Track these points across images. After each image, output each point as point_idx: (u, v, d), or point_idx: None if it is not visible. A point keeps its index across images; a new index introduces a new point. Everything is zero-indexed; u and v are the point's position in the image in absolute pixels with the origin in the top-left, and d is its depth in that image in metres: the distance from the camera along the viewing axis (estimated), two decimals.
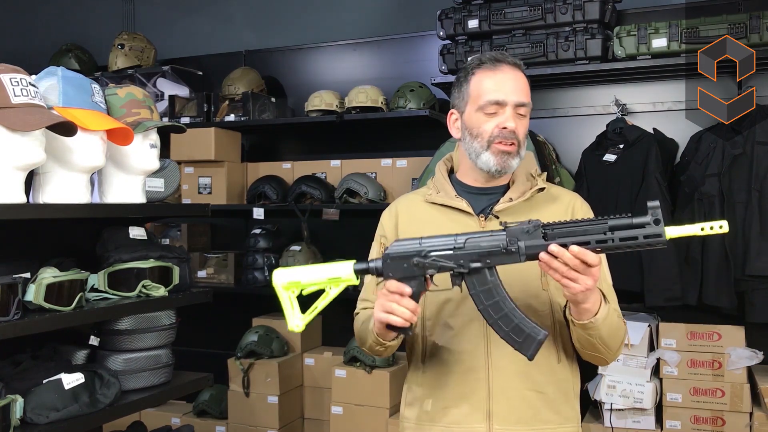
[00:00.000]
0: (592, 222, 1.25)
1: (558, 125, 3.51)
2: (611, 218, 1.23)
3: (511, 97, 1.51)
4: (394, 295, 1.34)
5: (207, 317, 3.84)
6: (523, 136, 1.53)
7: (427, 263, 1.33)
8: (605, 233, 1.23)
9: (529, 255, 1.28)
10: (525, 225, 1.29)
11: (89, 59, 4.57)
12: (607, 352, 1.46)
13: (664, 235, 1.20)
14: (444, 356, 1.54)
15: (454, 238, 1.34)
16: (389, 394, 3.31)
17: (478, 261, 1.32)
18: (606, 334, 1.41)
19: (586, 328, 1.39)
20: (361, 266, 1.38)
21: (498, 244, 1.30)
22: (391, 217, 1.66)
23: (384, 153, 3.81)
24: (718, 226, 1.17)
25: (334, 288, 1.39)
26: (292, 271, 1.41)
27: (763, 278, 2.86)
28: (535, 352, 1.33)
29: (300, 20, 4.34)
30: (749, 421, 2.86)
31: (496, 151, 1.50)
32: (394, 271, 1.35)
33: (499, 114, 1.50)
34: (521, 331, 1.33)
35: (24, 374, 1.79)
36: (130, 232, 2.10)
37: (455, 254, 1.33)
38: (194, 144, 3.85)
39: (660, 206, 1.21)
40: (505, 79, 1.52)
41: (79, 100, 1.81)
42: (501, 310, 1.34)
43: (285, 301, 1.41)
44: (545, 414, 1.50)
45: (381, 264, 1.36)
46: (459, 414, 1.51)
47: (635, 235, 1.21)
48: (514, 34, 3.26)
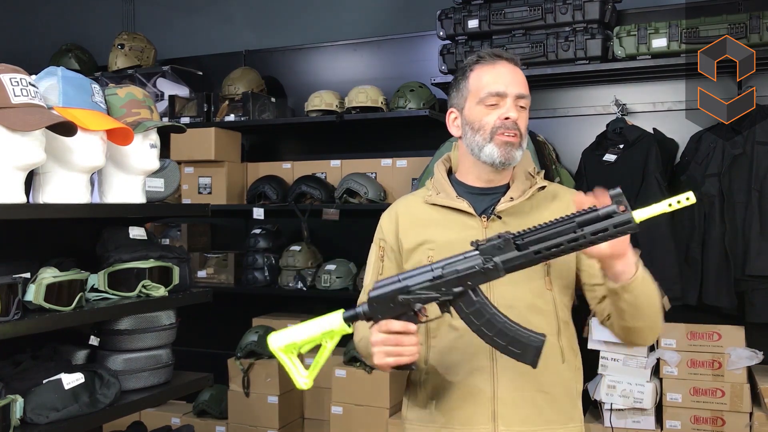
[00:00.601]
0: (559, 223, 1.24)
1: (558, 125, 3.51)
2: (577, 215, 1.23)
3: (512, 88, 1.52)
4: (392, 337, 1.34)
5: (207, 317, 3.84)
6: (524, 128, 1.53)
7: (411, 299, 1.33)
8: (575, 231, 1.22)
9: (508, 268, 1.28)
10: (495, 241, 1.28)
11: (89, 59, 4.57)
12: (656, 315, 1.41)
13: (633, 219, 1.19)
14: (448, 358, 1.53)
15: (430, 267, 1.33)
16: (389, 394, 3.31)
17: (460, 285, 1.31)
18: (651, 291, 1.38)
19: (628, 289, 1.34)
20: (350, 314, 1.38)
21: (474, 266, 1.30)
22: (390, 221, 1.64)
23: (384, 153, 3.81)
24: (685, 198, 1.15)
25: (330, 341, 1.40)
26: (286, 334, 1.42)
27: (763, 278, 2.86)
28: (537, 360, 1.32)
29: (300, 20, 4.34)
30: (749, 421, 2.86)
31: (499, 143, 1.50)
32: (382, 312, 1.35)
33: (500, 105, 1.51)
34: (518, 342, 1.32)
35: (24, 374, 1.79)
36: (130, 232, 2.09)
37: (436, 284, 1.32)
38: (194, 144, 3.85)
39: (623, 192, 1.20)
40: (504, 72, 1.54)
41: (79, 100, 1.81)
42: (494, 327, 1.33)
43: (287, 363, 1.41)
44: (550, 414, 1.50)
45: (368, 308, 1.37)
46: (464, 415, 1.50)
47: (605, 226, 1.21)
48: (514, 34, 3.26)
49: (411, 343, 1.34)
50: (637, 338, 1.47)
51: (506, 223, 1.52)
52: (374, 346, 1.37)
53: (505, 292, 1.48)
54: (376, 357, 1.37)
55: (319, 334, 1.40)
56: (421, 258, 1.55)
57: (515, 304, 1.47)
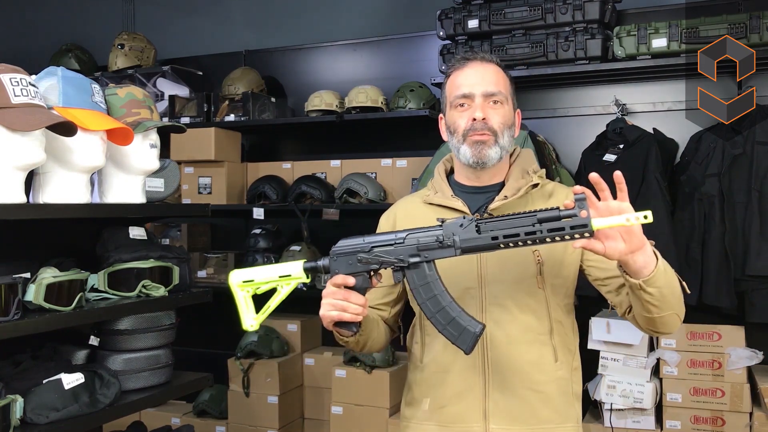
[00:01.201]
0: (522, 215, 1.27)
1: (558, 125, 3.51)
2: (541, 211, 1.26)
3: (478, 88, 1.53)
4: (340, 291, 1.38)
5: (207, 317, 3.84)
6: (499, 125, 1.53)
7: (369, 258, 1.38)
8: (533, 225, 1.25)
9: (464, 248, 1.32)
10: (460, 220, 1.33)
11: (89, 59, 4.57)
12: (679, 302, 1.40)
13: (590, 225, 1.22)
14: (442, 355, 1.54)
15: (395, 234, 1.38)
16: (389, 394, 3.31)
17: (417, 255, 1.36)
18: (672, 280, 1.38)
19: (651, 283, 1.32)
20: (310, 264, 1.43)
21: (434, 238, 1.34)
22: (388, 220, 1.68)
23: (384, 153, 3.81)
24: (643, 216, 1.20)
25: (286, 286, 1.44)
26: (246, 271, 1.46)
27: (763, 278, 2.86)
28: (473, 346, 1.35)
29: (300, 20, 4.34)
30: (749, 421, 2.86)
31: (471, 143, 1.52)
32: (340, 268, 1.40)
33: (469, 107, 1.53)
34: (458, 325, 1.36)
35: (24, 374, 1.79)
36: (130, 232, 2.10)
37: (395, 249, 1.37)
38: (194, 144, 3.85)
39: (585, 198, 1.23)
40: (471, 73, 1.55)
41: (79, 100, 1.81)
42: (439, 305, 1.37)
43: (240, 301, 1.47)
44: (543, 413, 1.50)
45: (328, 261, 1.41)
46: (456, 413, 1.52)
47: (562, 225, 1.24)
48: (514, 34, 3.26)
49: (357, 302, 1.38)
50: (662, 327, 1.43)
51: None
52: (324, 298, 1.41)
53: (497, 291, 1.49)
54: (322, 308, 1.41)
55: (276, 277, 1.44)
56: None
57: (505, 303, 1.48)
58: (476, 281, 1.50)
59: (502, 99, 1.54)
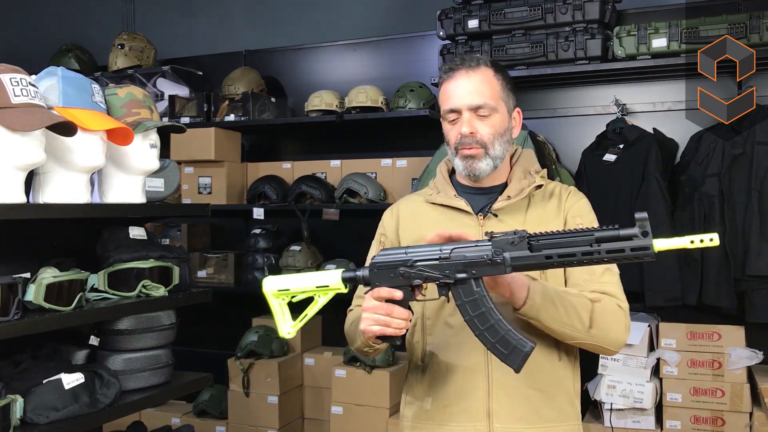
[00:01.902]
0: (578, 234, 1.22)
1: (558, 125, 3.51)
2: (598, 230, 1.21)
3: (462, 102, 1.51)
4: (383, 306, 1.33)
5: (207, 317, 3.84)
6: (489, 136, 1.51)
7: (413, 273, 1.32)
8: (591, 245, 1.20)
9: (515, 266, 1.26)
10: (510, 236, 1.26)
11: (89, 59, 4.57)
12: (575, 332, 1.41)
13: (652, 248, 1.17)
14: (444, 355, 1.54)
15: (439, 248, 1.32)
16: (389, 394, 3.31)
17: (464, 271, 1.30)
18: (552, 316, 1.39)
19: (527, 316, 1.38)
20: (349, 275, 1.38)
21: (483, 255, 1.28)
22: (392, 217, 1.67)
23: (384, 153, 3.81)
24: (709, 239, 1.13)
25: (323, 296, 1.40)
26: (281, 279, 1.42)
27: (763, 278, 2.86)
28: (522, 365, 1.31)
29: (300, 20, 4.34)
30: (749, 421, 2.86)
31: (461, 157, 1.53)
32: (380, 280, 1.34)
33: (458, 121, 1.53)
34: (507, 343, 1.31)
35: (24, 374, 1.79)
36: (130, 232, 2.09)
37: (441, 264, 1.31)
38: (194, 144, 3.85)
39: (648, 218, 1.17)
40: (456, 86, 1.53)
41: (79, 100, 1.81)
42: (487, 321, 1.32)
43: (276, 309, 1.42)
44: (546, 412, 1.50)
45: (368, 273, 1.36)
46: (458, 412, 1.51)
47: (622, 247, 1.18)
48: (514, 34, 3.26)
49: (401, 316, 1.33)
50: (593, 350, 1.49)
51: (502, 221, 1.53)
52: (364, 312, 1.37)
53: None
54: (364, 322, 1.37)
55: (313, 287, 1.39)
56: None
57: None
58: None
59: (489, 110, 1.51)
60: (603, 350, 1.49)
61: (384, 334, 1.35)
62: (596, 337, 1.44)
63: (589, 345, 1.46)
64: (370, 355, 1.57)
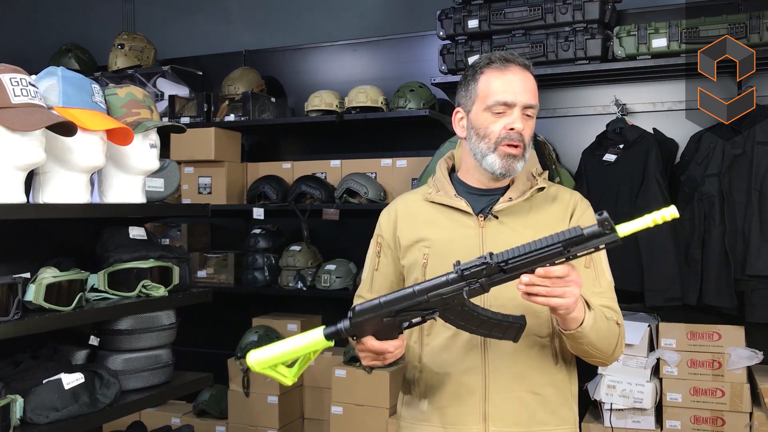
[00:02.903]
0: (545, 246, 1.24)
1: (558, 125, 3.51)
2: (562, 236, 1.24)
3: (520, 98, 1.48)
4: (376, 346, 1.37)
5: (207, 317, 3.84)
6: (528, 139, 1.51)
7: (399, 319, 1.35)
8: (561, 253, 1.24)
9: (493, 284, 1.30)
10: (479, 266, 1.29)
11: (89, 59, 4.57)
12: (602, 356, 1.46)
13: (617, 235, 1.22)
14: (441, 357, 1.54)
15: (413, 290, 1.33)
16: (389, 394, 3.31)
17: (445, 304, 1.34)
18: (596, 340, 1.41)
19: (575, 337, 1.40)
20: (330, 331, 1.38)
21: (459, 289, 1.31)
22: (389, 218, 1.65)
23: (384, 153, 3.81)
24: (669, 214, 1.17)
25: (313, 355, 1.42)
26: (266, 352, 1.39)
27: (763, 278, 2.86)
28: (519, 336, 1.37)
29: (300, 20, 4.34)
30: (749, 421, 2.86)
31: (502, 154, 1.49)
32: (366, 330, 1.36)
33: (507, 115, 1.49)
34: (502, 327, 1.37)
35: (24, 374, 1.79)
36: (130, 232, 2.09)
37: (420, 305, 1.34)
38: (194, 144, 3.85)
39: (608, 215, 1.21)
40: (514, 80, 1.49)
41: (79, 100, 1.81)
42: (479, 321, 1.37)
43: (273, 375, 1.42)
44: (542, 416, 1.50)
45: (350, 326, 1.36)
46: (454, 414, 1.51)
47: (593, 246, 1.23)
48: (514, 34, 3.26)
49: (393, 348, 1.38)
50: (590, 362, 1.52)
51: (503, 222, 1.52)
52: (360, 352, 1.42)
53: (499, 294, 1.48)
54: (363, 360, 1.44)
55: (299, 350, 1.39)
56: (417, 255, 1.56)
57: (508, 306, 1.47)
58: None
59: (535, 112, 1.52)
60: (603, 365, 1.55)
61: (383, 364, 1.42)
62: (610, 359, 1.50)
63: (596, 361, 1.50)
64: None
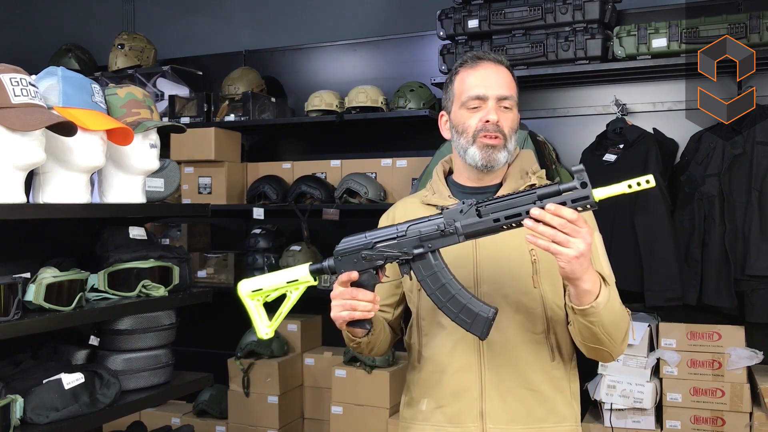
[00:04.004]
0: (522, 194, 1.27)
1: (558, 125, 3.51)
2: (540, 187, 1.26)
3: (492, 90, 1.51)
4: (348, 290, 1.38)
5: (207, 317, 3.85)
6: (509, 129, 1.52)
7: (374, 254, 1.38)
8: (534, 202, 1.25)
9: (468, 234, 1.31)
10: (460, 205, 1.32)
11: (89, 59, 4.57)
12: (611, 344, 1.42)
13: (592, 196, 1.22)
14: (438, 355, 1.54)
15: (396, 227, 1.38)
16: (389, 394, 3.31)
17: (421, 246, 1.36)
18: (608, 321, 1.38)
19: (587, 314, 1.35)
20: (315, 266, 1.43)
21: (435, 227, 1.34)
22: (388, 220, 1.68)
23: (384, 153, 3.81)
24: (645, 181, 1.19)
25: (295, 291, 1.45)
26: (253, 280, 1.47)
27: (763, 278, 2.86)
28: (487, 331, 1.35)
29: (300, 20, 4.34)
30: (749, 421, 2.86)
31: (481, 145, 1.51)
32: (346, 267, 1.40)
33: (482, 108, 1.52)
34: (470, 312, 1.35)
35: (24, 374, 1.79)
36: (130, 232, 2.10)
37: (399, 242, 1.37)
38: (194, 144, 3.85)
39: (585, 169, 1.22)
40: (485, 74, 1.53)
41: (79, 100, 1.81)
42: (449, 293, 1.36)
43: (252, 310, 1.47)
44: (540, 413, 1.50)
45: (333, 262, 1.41)
46: (453, 413, 1.52)
47: (563, 200, 1.24)
48: (514, 34, 3.26)
49: (365, 299, 1.38)
50: (595, 356, 1.49)
51: None
52: (332, 300, 1.41)
53: (491, 290, 1.50)
54: (332, 310, 1.41)
55: (284, 283, 1.44)
56: None
57: (500, 302, 1.48)
58: (471, 281, 1.50)
59: (512, 103, 1.53)
60: (608, 359, 1.49)
61: (352, 318, 1.39)
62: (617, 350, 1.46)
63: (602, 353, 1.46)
64: (362, 351, 1.57)
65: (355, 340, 1.51)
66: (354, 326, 1.42)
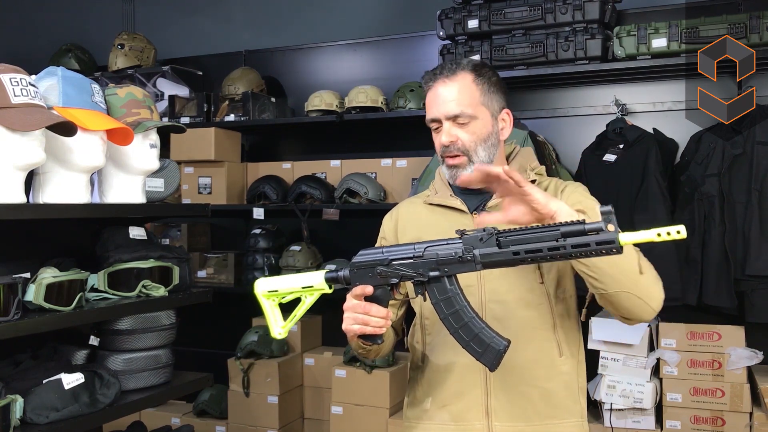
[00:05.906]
0: (545, 229, 1.22)
1: (558, 125, 3.51)
2: (564, 225, 1.20)
3: (440, 111, 1.54)
4: (361, 304, 1.36)
5: (207, 317, 3.85)
6: (471, 143, 1.52)
7: (389, 272, 1.36)
8: (557, 240, 1.20)
9: (485, 263, 1.27)
10: (480, 233, 1.28)
11: (89, 59, 4.57)
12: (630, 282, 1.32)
13: (618, 241, 1.15)
14: (442, 354, 1.55)
15: (413, 246, 1.35)
16: (389, 394, 3.31)
17: (437, 269, 1.33)
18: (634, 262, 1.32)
19: None
20: (331, 275, 1.42)
21: (452, 253, 1.30)
22: (391, 220, 1.69)
23: (384, 153, 3.81)
24: (675, 232, 1.10)
25: (309, 297, 1.45)
26: (270, 281, 1.47)
27: (763, 278, 2.86)
28: (497, 363, 1.32)
29: (300, 20, 4.34)
30: (749, 421, 2.86)
31: (447, 165, 1.56)
32: (360, 280, 1.38)
33: (441, 129, 1.55)
34: (482, 342, 1.32)
35: (24, 374, 1.79)
36: (130, 232, 2.09)
37: (415, 263, 1.34)
38: (194, 144, 3.85)
39: (613, 211, 1.15)
40: (434, 96, 1.57)
41: (79, 100, 1.81)
42: (461, 320, 1.34)
43: (267, 310, 1.47)
44: (546, 409, 1.50)
45: (349, 273, 1.40)
46: (458, 411, 1.51)
47: (587, 242, 1.17)
48: (514, 34, 3.26)
49: (378, 314, 1.36)
50: (621, 309, 1.37)
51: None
52: (345, 311, 1.40)
53: (496, 287, 1.50)
54: (344, 322, 1.41)
55: (299, 288, 1.44)
56: None
57: (506, 299, 1.48)
58: (475, 278, 1.50)
59: (467, 117, 1.52)
60: (643, 309, 1.37)
61: (363, 332, 1.38)
62: (642, 287, 1.34)
63: (633, 299, 1.34)
64: (368, 357, 1.58)
65: (365, 348, 1.51)
66: (365, 339, 1.43)
